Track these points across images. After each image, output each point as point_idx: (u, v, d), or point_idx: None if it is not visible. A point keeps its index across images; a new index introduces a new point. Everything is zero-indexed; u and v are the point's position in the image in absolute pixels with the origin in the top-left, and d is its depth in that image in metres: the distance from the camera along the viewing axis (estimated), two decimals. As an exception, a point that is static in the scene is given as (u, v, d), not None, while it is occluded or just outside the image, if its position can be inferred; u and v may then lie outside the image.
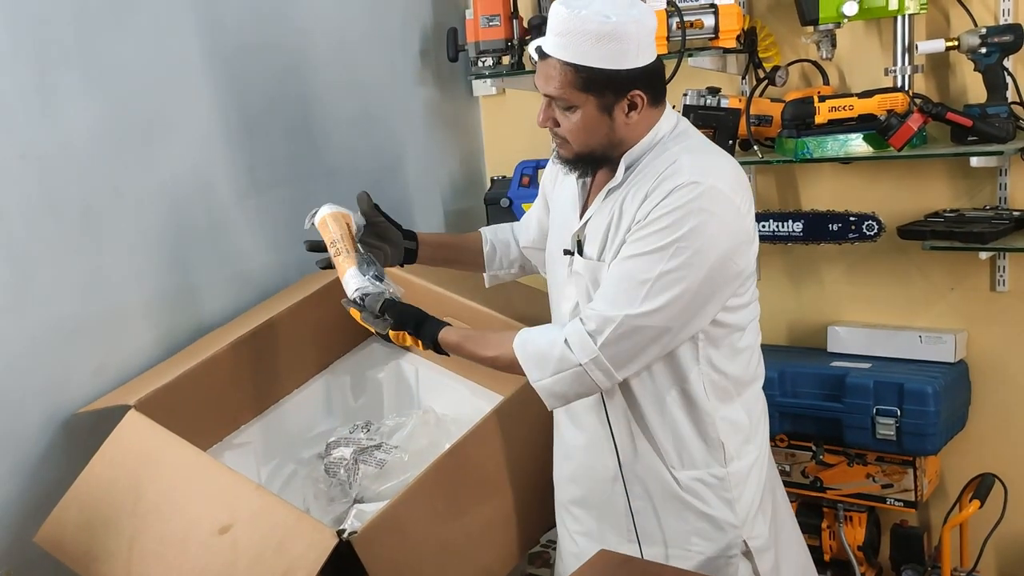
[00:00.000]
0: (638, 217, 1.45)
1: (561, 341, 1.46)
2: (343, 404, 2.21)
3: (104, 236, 1.97)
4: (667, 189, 1.42)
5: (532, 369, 1.49)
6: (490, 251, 1.86)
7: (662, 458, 1.58)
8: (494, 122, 2.96)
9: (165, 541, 1.58)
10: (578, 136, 1.48)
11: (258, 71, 2.30)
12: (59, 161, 1.89)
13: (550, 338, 1.48)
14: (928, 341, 2.22)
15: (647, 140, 1.50)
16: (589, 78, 1.42)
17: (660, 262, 1.41)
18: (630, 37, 1.42)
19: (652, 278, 1.41)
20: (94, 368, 1.94)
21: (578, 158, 1.52)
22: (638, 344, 1.44)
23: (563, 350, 1.45)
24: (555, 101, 1.47)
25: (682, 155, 1.47)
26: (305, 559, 1.47)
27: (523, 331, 1.54)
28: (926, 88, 2.19)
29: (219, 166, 2.22)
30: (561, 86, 1.44)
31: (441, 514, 1.69)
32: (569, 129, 1.48)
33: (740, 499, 1.59)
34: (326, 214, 1.71)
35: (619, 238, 1.48)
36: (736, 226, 1.45)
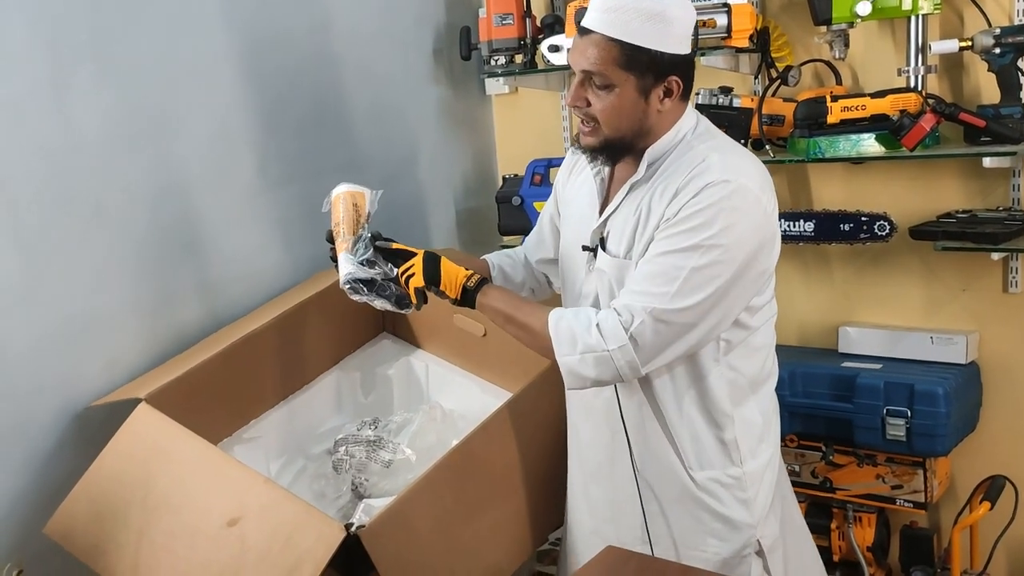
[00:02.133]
0: (667, 214, 1.44)
1: (594, 326, 1.45)
2: (353, 400, 2.22)
3: (116, 231, 1.99)
4: (698, 187, 1.42)
5: (561, 344, 1.48)
6: (498, 275, 1.82)
7: (680, 458, 1.57)
8: (506, 121, 2.96)
9: (174, 533, 1.59)
10: (611, 118, 1.47)
11: (271, 68, 2.31)
12: (72, 156, 1.90)
13: (584, 321, 1.47)
14: (939, 342, 2.21)
15: (670, 136, 1.50)
16: (633, 56, 1.42)
17: (692, 259, 1.41)
18: (677, 21, 1.43)
19: (684, 275, 1.41)
20: (105, 362, 1.96)
21: (606, 144, 1.50)
22: (666, 339, 1.44)
23: (595, 333, 1.45)
24: (593, 78, 1.45)
25: (711, 153, 1.47)
26: (313, 552, 1.48)
27: (558, 309, 1.53)
28: (939, 89, 2.18)
29: (231, 162, 2.23)
30: (603, 62, 1.43)
31: (449, 510, 1.69)
32: (602, 109, 1.46)
33: (755, 499, 1.59)
34: (336, 194, 1.67)
35: (647, 235, 1.47)
36: (764, 225, 1.46)
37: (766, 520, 1.60)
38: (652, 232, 1.46)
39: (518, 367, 1.95)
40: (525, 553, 1.83)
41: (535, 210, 2.70)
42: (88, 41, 1.93)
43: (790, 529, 1.71)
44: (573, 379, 1.50)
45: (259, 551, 1.52)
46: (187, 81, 2.12)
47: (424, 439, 1.99)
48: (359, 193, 1.66)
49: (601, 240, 1.56)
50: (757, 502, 1.59)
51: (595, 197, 1.59)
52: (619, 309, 1.45)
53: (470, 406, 2.09)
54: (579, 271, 1.62)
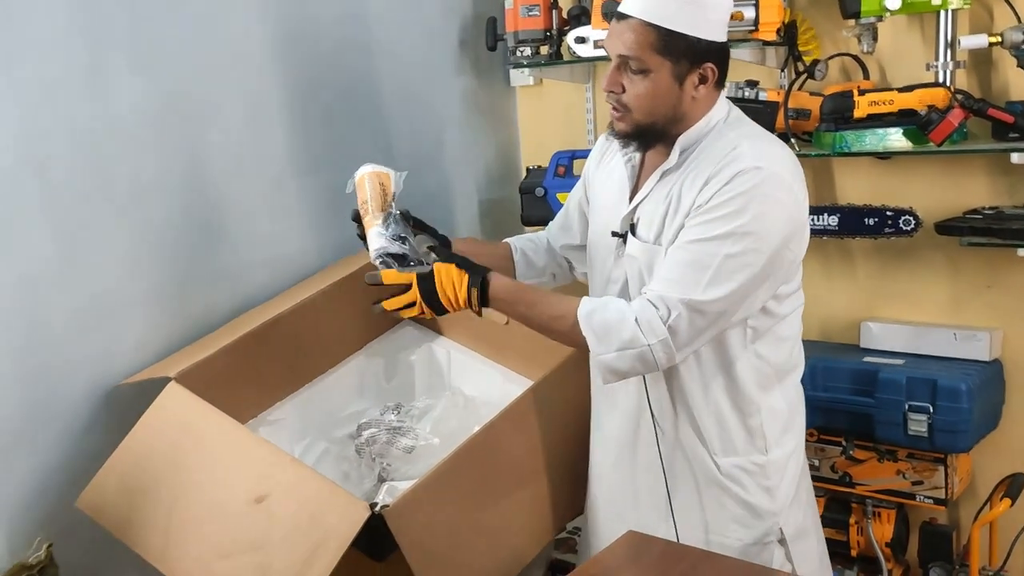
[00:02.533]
0: (698, 201, 1.45)
1: (631, 319, 1.43)
2: (376, 385, 2.24)
3: (148, 213, 2.02)
4: (730, 174, 1.43)
5: (596, 342, 1.46)
6: (521, 259, 1.81)
7: (704, 444, 1.59)
8: (531, 112, 2.98)
9: (202, 509, 1.62)
10: (644, 103, 1.47)
11: (300, 56, 2.33)
12: (106, 140, 1.94)
13: (619, 314, 1.45)
14: (963, 339, 2.20)
15: (702, 124, 1.51)
16: (670, 41, 1.42)
17: (724, 247, 1.41)
18: (714, 7, 1.45)
19: (717, 263, 1.41)
20: (136, 342, 1.99)
21: (638, 130, 1.50)
22: (699, 327, 1.44)
23: (633, 328, 1.43)
24: (629, 63, 1.45)
25: (742, 141, 1.48)
26: (338, 530, 1.50)
27: (587, 300, 1.50)
28: (968, 84, 2.17)
29: (260, 149, 2.26)
30: (639, 47, 1.43)
31: (472, 493, 1.71)
32: (637, 95, 1.46)
33: (779, 487, 1.60)
34: (361, 175, 1.66)
35: (677, 222, 1.48)
36: (795, 213, 1.47)
37: (789, 508, 1.61)
38: (683, 219, 1.47)
39: (540, 355, 1.96)
40: (546, 538, 1.84)
41: (558, 201, 2.71)
42: (124, 26, 1.96)
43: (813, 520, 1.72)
44: (610, 375, 1.49)
45: (285, 528, 1.54)
46: (219, 68, 2.15)
47: (446, 425, 2.01)
48: (384, 173, 1.65)
49: (631, 226, 1.57)
50: (780, 490, 1.60)
51: (626, 183, 1.60)
52: (654, 301, 1.44)
53: (492, 393, 2.11)
54: (608, 257, 1.62)
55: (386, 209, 1.59)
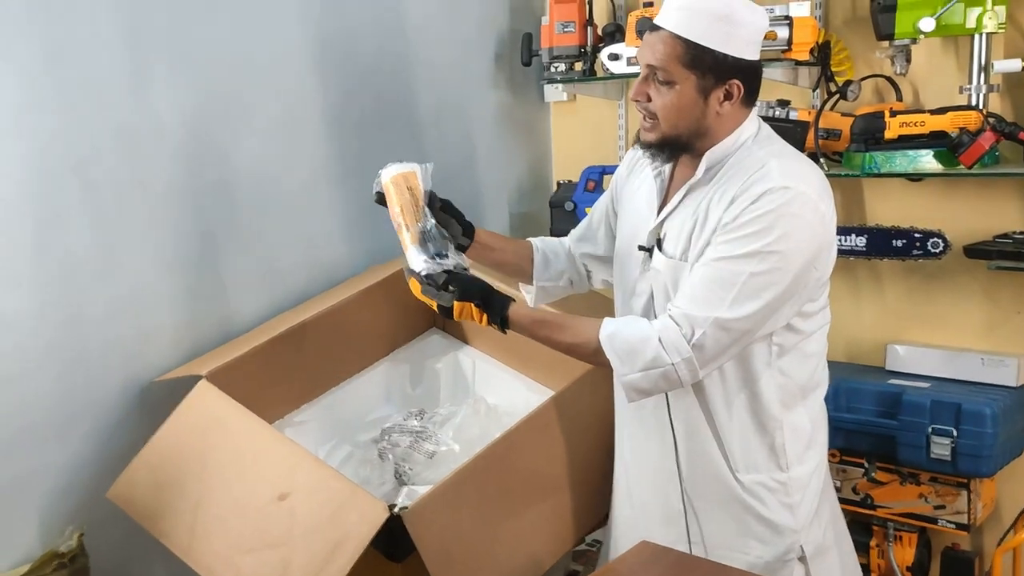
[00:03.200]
0: (725, 219, 1.46)
1: (655, 339, 1.45)
2: (401, 392, 2.28)
3: (184, 213, 2.08)
4: (757, 192, 1.44)
5: (620, 363, 1.48)
6: (541, 259, 1.81)
7: (726, 460, 1.59)
8: (563, 128, 3.01)
9: (228, 504, 1.66)
10: (669, 115, 1.49)
11: (338, 65, 2.39)
12: (146, 139, 2.00)
13: (641, 334, 1.47)
14: (990, 364, 2.18)
15: (730, 141, 1.52)
16: (697, 55, 1.45)
17: (750, 265, 1.42)
18: (745, 25, 1.47)
19: (742, 281, 1.42)
20: (170, 339, 2.05)
21: (663, 141, 1.52)
22: (723, 345, 1.46)
23: (656, 348, 1.44)
24: (656, 73, 1.48)
25: (770, 159, 1.49)
26: (358, 530, 1.54)
27: (608, 322, 1.51)
28: (1001, 108, 2.17)
29: (295, 154, 2.32)
30: (666, 58, 1.46)
31: (491, 498, 1.73)
32: (662, 106, 1.48)
33: (800, 504, 1.60)
34: (387, 180, 1.62)
35: (703, 239, 1.49)
36: (821, 232, 1.48)
37: (810, 526, 1.61)
38: (709, 236, 1.48)
39: (564, 366, 1.97)
40: (565, 547, 1.86)
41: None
42: (167, 30, 2.02)
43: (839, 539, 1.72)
44: (635, 394, 1.51)
45: (306, 525, 1.58)
46: (257, 72, 2.21)
47: (468, 431, 2.04)
48: (411, 173, 1.62)
49: (658, 241, 1.58)
50: (802, 508, 1.60)
51: (654, 197, 1.61)
52: (677, 319, 1.45)
53: (515, 402, 2.13)
54: (633, 270, 1.63)
55: (420, 218, 1.57)
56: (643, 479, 1.71)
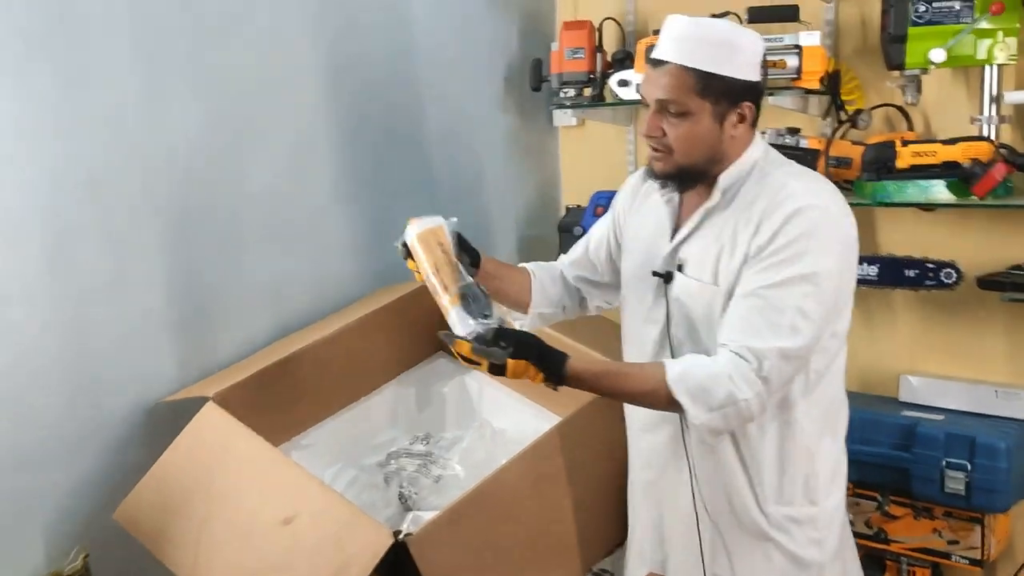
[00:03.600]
0: (757, 243, 1.44)
1: (725, 377, 1.41)
2: (407, 415, 2.26)
3: (196, 235, 2.08)
4: (786, 214, 1.43)
5: (693, 405, 1.42)
6: (539, 287, 1.77)
7: (754, 492, 1.55)
8: (572, 152, 3.01)
9: (232, 527, 1.64)
10: (685, 145, 1.48)
11: (349, 89, 2.40)
12: (162, 163, 2.01)
13: (710, 372, 1.42)
14: (1004, 397, 2.16)
15: (742, 162, 1.52)
16: (708, 84, 1.44)
17: (797, 289, 1.41)
18: (746, 48, 1.47)
19: (794, 307, 1.41)
20: (178, 361, 2.04)
21: (679, 171, 1.51)
22: (787, 375, 1.44)
23: (728, 385, 1.40)
24: (669, 106, 1.46)
25: (789, 179, 1.49)
26: (361, 556, 1.51)
27: (671, 364, 1.45)
28: (1013, 139, 2.16)
29: (306, 176, 2.32)
30: (679, 90, 1.45)
31: (497, 525, 1.71)
32: (677, 137, 1.47)
33: (827, 539, 1.57)
34: (414, 238, 1.54)
35: (735, 263, 1.47)
36: (851, 246, 1.50)
37: (833, 561, 1.58)
38: (740, 260, 1.46)
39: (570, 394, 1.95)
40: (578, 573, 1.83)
41: (597, 241, 2.73)
42: (183, 55, 2.04)
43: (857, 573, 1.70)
44: (711, 435, 1.48)
45: (310, 550, 1.56)
46: (271, 97, 2.22)
47: (474, 456, 2.02)
48: (438, 229, 1.54)
49: (679, 266, 1.55)
50: (828, 542, 1.56)
51: (665, 222, 1.59)
52: (742, 353, 1.41)
53: (521, 428, 2.11)
54: (646, 296, 1.60)
55: (457, 276, 1.47)
56: (653, 510, 1.68)
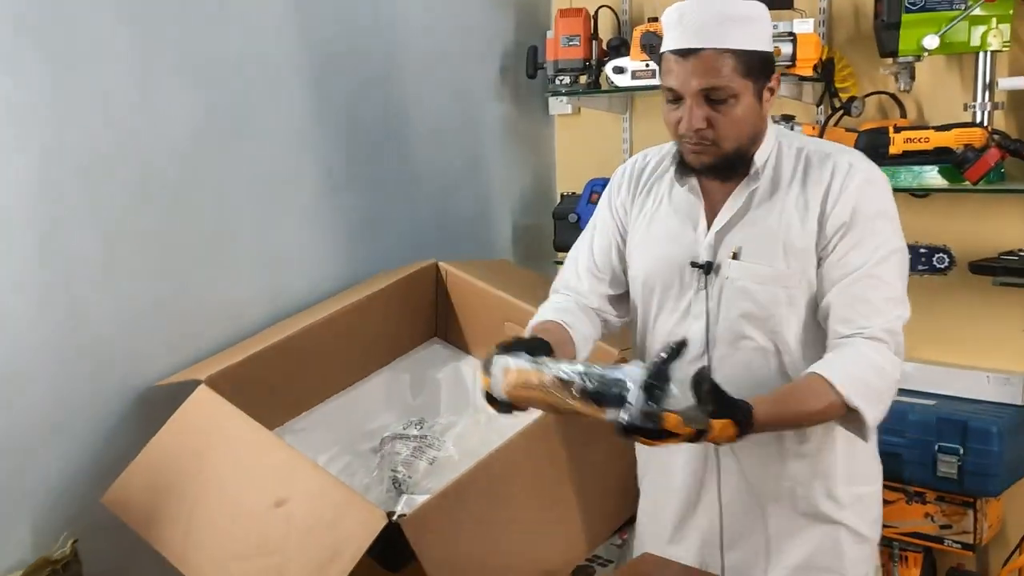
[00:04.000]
0: (839, 219, 1.39)
1: (879, 367, 1.36)
2: (401, 400, 2.26)
3: (188, 220, 2.08)
4: (859, 186, 1.40)
5: (868, 408, 1.34)
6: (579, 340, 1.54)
7: (823, 477, 1.48)
8: (568, 140, 3.01)
9: (223, 510, 1.64)
10: (735, 131, 1.40)
11: (344, 76, 2.40)
12: (152, 148, 2.01)
13: (870, 367, 1.35)
14: (995, 382, 2.17)
15: (769, 138, 1.46)
16: (748, 61, 1.38)
17: (895, 257, 1.41)
18: (763, 19, 1.43)
19: (897, 277, 1.41)
20: (170, 346, 2.04)
21: (725, 160, 1.42)
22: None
23: (889, 377, 1.37)
24: (714, 94, 1.37)
25: (822, 146, 1.47)
26: (355, 537, 1.52)
27: (830, 371, 1.34)
28: (1006, 125, 2.16)
29: (301, 164, 2.32)
30: (724, 75, 1.37)
31: (493, 507, 1.71)
32: (726, 124, 1.39)
33: (879, 516, 1.56)
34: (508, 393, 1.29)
35: (807, 241, 1.41)
36: None
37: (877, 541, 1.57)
38: (814, 240, 1.41)
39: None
40: (576, 556, 1.84)
41: (591, 228, 2.74)
42: (175, 40, 2.03)
43: None
44: (874, 432, 1.44)
45: (303, 532, 1.56)
46: (265, 84, 2.22)
47: (468, 441, 2.03)
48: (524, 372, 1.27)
49: (733, 254, 1.45)
50: (879, 520, 1.56)
51: (696, 211, 1.49)
52: (882, 336, 1.37)
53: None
54: (683, 291, 1.49)
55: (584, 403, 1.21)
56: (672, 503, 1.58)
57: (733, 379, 1.37)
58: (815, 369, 1.35)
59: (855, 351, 1.37)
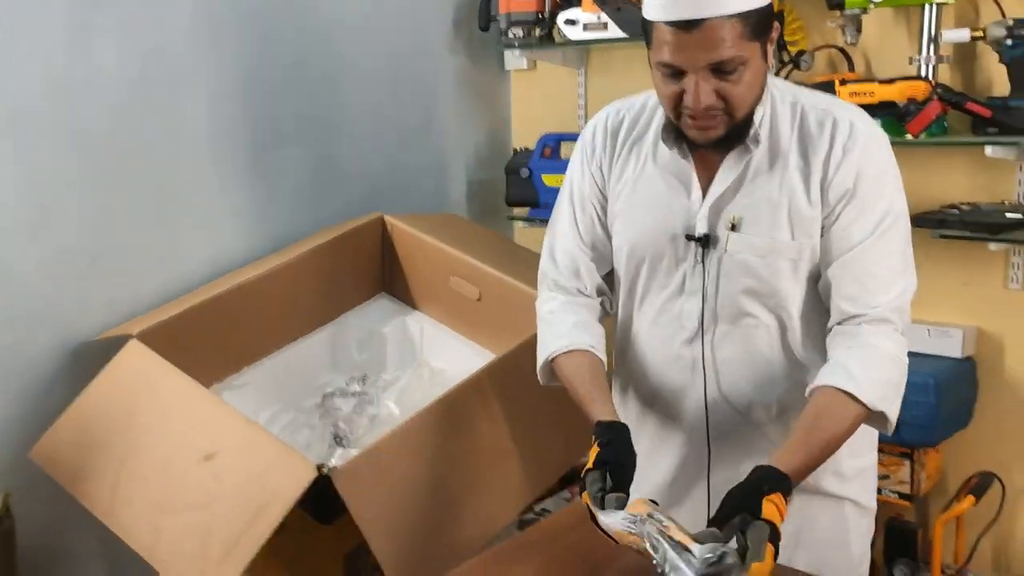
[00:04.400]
0: (842, 185, 1.27)
1: (897, 355, 1.27)
2: (347, 356, 2.25)
3: (125, 173, 2.04)
4: (861, 147, 1.28)
5: (894, 406, 1.27)
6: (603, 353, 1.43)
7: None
8: (523, 95, 2.97)
9: (152, 464, 1.63)
10: (747, 97, 1.25)
11: (289, 29, 2.34)
12: (86, 98, 1.96)
13: (881, 360, 1.26)
14: (936, 335, 2.19)
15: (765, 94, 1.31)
16: (751, 22, 1.21)
17: (899, 223, 1.30)
18: None
19: (902, 245, 1.30)
20: (106, 300, 2.01)
21: (736, 129, 1.27)
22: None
23: (903, 363, 1.28)
24: (724, 66, 1.21)
25: (813, 97, 1.34)
26: (285, 489, 1.52)
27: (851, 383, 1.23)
28: (951, 79, 2.16)
29: (244, 116, 2.27)
30: (734, 44, 1.20)
31: (430, 461, 1.71)
32: (739, 94, 1.23)
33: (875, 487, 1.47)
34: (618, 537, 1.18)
35: (812, 210, 1.29)
36: None
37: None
38: (818, 207, 1.29)
39: (511, 331, 1.97)
40: (515, 511, 1.85)
41: (543, 183, 2.72)
42: (106, -13, 1.97)
43: None
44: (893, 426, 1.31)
45: (232, 486, 1.56)
46: (204, 35, 2.16)
47: (411, 396, 2.03)
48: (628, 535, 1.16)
49: (732, 225, 1.32)
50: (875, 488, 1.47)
51: (683, 174, 1.35)
52: (887, 317, 1.27)
53: (462, 368, 2.10)
54: (677, 265, 1.36)
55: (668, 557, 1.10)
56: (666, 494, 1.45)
57: (733, 359, 1.34)
58: (831, 382, 1.23)
59: (867, 346, 1.25)
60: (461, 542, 1.72)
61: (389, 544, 1.57)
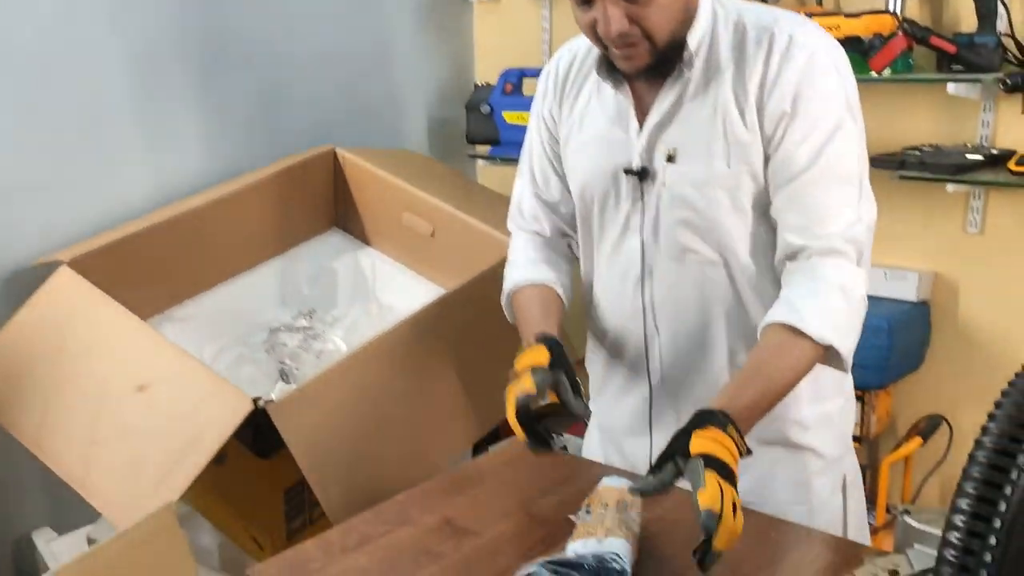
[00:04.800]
0: (778, 107, 1.17)
1: (844, 287, 1.17)
2: (296, 292, 2.20)
3: (64, 94, 1.95)
4: (797, 66, 1.16)
5: (845, 340, 1.17)
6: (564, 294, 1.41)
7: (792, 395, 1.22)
8: (487, 29, 2.89)
9: (83, 394, 1.58)
10: (665, 18, 1.16)
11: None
12: (15, 22, 1.85)
13: (829, 291, 1.16)
14: (892, 278, 2.18)
15: (703, 11, 1.21)
16: None
17: (851, 147, 1.18)
18: None
19: (857, 164, 1.19)
20: (41, 227, 1.94)
21: (660, 56, 1.19)
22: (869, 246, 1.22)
23: (856, 295, 1.18)
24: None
25: (767, 16, 1.21)
26: (219, 421, 1.48)
27: (793, 315, 1.15)
28: (920, 15, 2.10)
29: (186, 39, 2.17)
30: None
31: (373, 396, 1.67)
32: (654, 15, 1.15)
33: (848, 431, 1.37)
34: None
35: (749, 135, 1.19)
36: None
37: (848, 450, 1.37)
38: (756, 130, 1.19)
39: (464, 267, 1.92)
40: (462, 448, 1.82)
41: (504, 120, 2.65)
42: None
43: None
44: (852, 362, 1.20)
45: (166, 417, 1.52)
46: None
47: (359, 332, 1.98)
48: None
49: (668, 156, 1.25)
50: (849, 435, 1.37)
51: (625, 109, 1.28)
52: (842, 248, 1.17)
53: (413, 304, 2.05)
54: (620, 202, 1.30)
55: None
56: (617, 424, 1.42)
57: (680, 299, 1.27)
58: (776, 318, 1.16)
59: (812, 277, 1.17)
60: (403, 480, 1.68)
61: (327, 479, 1.54)
